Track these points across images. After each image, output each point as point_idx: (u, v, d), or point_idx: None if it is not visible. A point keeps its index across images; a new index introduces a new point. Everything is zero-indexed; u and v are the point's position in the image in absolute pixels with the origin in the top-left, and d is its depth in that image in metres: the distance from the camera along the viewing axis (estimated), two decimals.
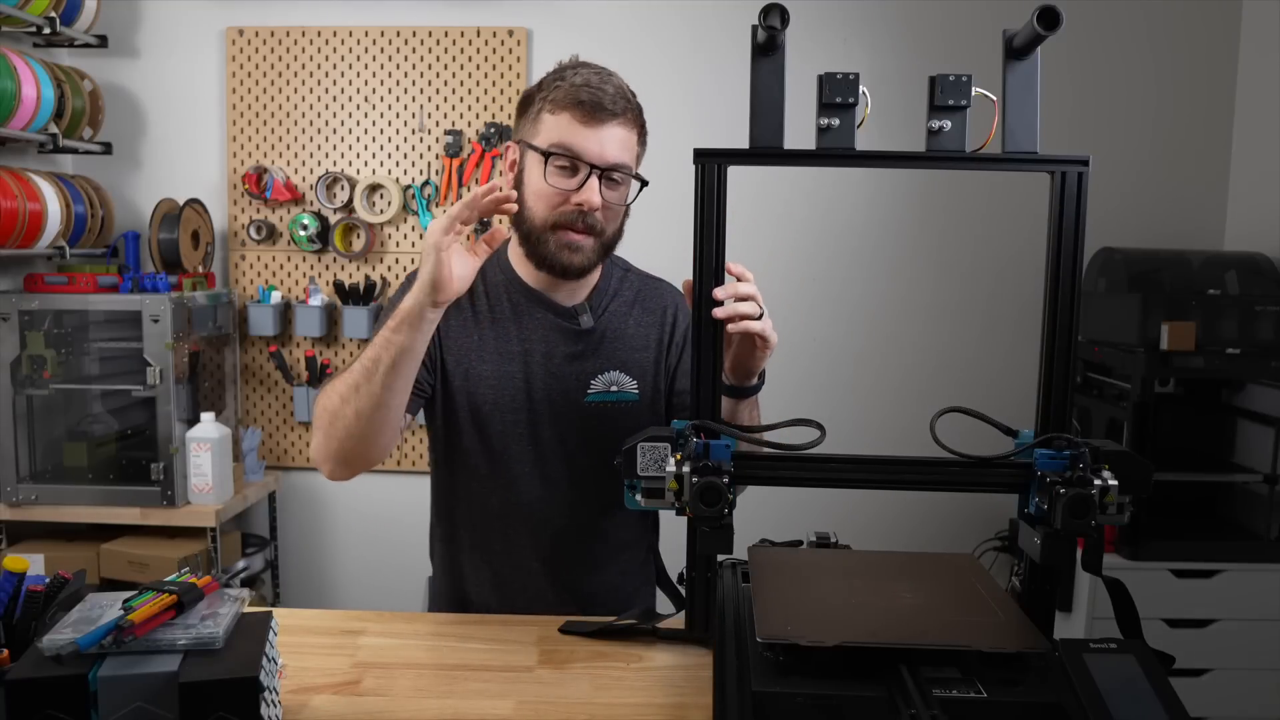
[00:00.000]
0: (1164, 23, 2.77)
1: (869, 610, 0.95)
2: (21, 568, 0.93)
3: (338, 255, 2.85)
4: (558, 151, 1.24)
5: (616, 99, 1.27)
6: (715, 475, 0.93)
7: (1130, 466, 0.92)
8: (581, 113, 1.24)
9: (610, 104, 1.26)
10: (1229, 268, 2.50)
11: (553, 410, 1.34)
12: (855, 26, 2.78)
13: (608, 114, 1.25)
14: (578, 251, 1.28)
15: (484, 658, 1.15)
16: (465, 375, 1.34)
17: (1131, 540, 2.34)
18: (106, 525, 2.54)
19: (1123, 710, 0.77)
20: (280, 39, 2.82)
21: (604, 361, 1.36)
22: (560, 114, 1.25)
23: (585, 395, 1.35)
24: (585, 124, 1.24)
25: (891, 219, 2.84)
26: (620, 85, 1.30)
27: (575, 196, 1.25)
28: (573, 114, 1.24)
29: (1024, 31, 0.95)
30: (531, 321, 1.35)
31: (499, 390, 1.34)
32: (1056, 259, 1.00)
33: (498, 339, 1.35)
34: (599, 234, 1.29)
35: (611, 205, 1.29)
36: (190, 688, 0.81)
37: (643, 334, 1.40)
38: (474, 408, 1.34)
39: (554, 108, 1.26)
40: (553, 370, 1.35)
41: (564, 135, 1.24)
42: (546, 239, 1.28)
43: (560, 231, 1.27)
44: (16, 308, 2.46)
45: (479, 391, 1.34)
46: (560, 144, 1.24)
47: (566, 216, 1.26)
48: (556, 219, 1.27)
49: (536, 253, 1.30)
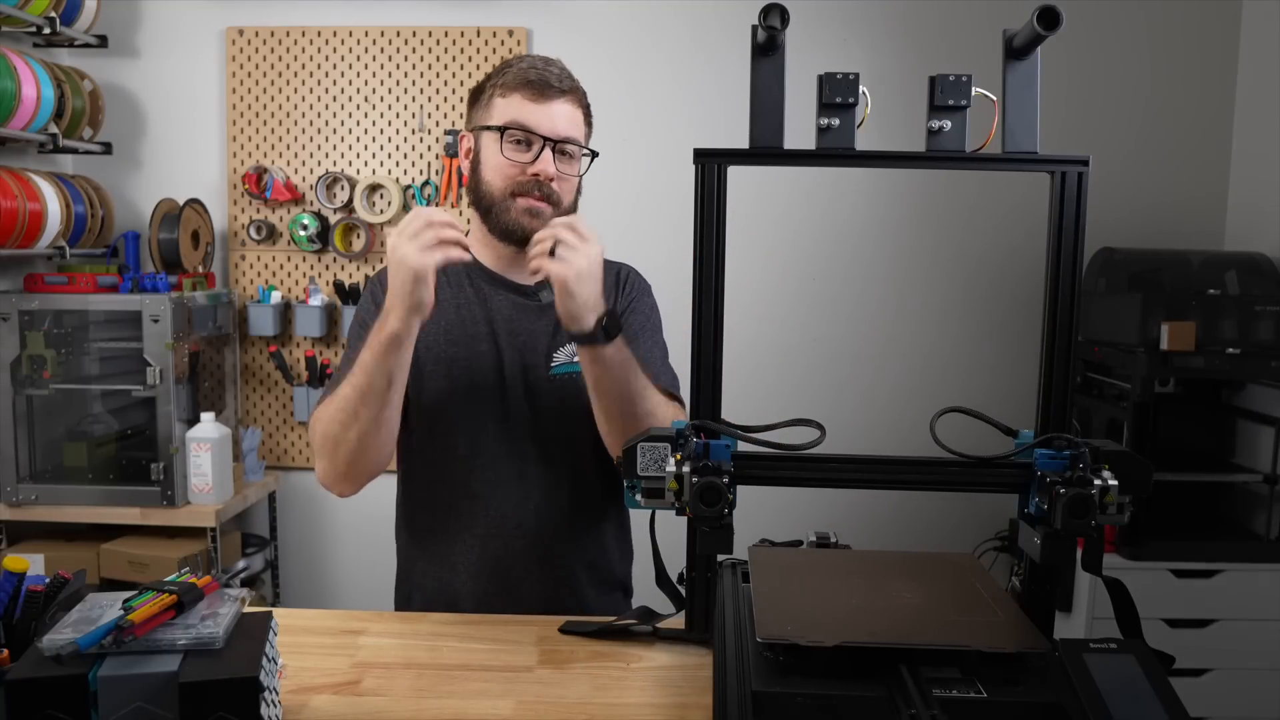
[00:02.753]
0: (1164, 23, 2.77)
1: (869, 610, 0.95)
2: (21, 568, 0.93)
3: (338, 255, 2.85)
4: (512, 126, 1.32)
5: (562, 78, 1.35)
6: (715, 475, 0.93)
7: (1130, 466, 0.92)
8: (531, 91, 1.32)
9: (557, 82, 1.34)
10: (1229, 268, 2.50)
11: (525, 385, 1.39)
12: (855, 26, 2.78)
13: (555, 91, 1.33)
14: (538, 217, 1.33)
15: (484, 658, 1.15)
16: (436, 360, 1.37)
17: (1131, 540, 2.34)
18: (106, 525, 2.54)
19: (1123, 710, 0.77)
20: (280, 39, 2.82)
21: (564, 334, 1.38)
22: (511, 95, 1.33)
23: (550, 368, 1.40)
24: (535, 101, 1.32)
25: (891, 219, 2.84)
26: (564, 68, 1.37)
27: (531, 168, 1.32)
28: (523, 93, 1.32)
29: (1024, 31, 0.95)
30: (495, 301, 1.41)
31: (473, 371, 1.37)
32: (1056, 259, 1.00)
33: (464, 322, 1.39)
34: (556, 204, 1.35)
35: (565, 176, 1.35)
36: (190, 688, 0.81)
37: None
38: (449, 389, 1.37)
39: (504, 90, 1.34)
40: (518, 346, 1.39)
41: (516, 113, 1.32)
42: (508, 206, 1.34)
43: (520, 198, 1.33)
44: (16, 308, 2.46)
45: (452, 373, 1.37)
46: (513, 120, 1.32)
47: (524, 186, 1.33)
48: (514, 188, 1.33)
49: (499, 223, 1.35)
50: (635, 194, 2.81)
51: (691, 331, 1.04)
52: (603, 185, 2.84)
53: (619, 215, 2.81)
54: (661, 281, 1.56)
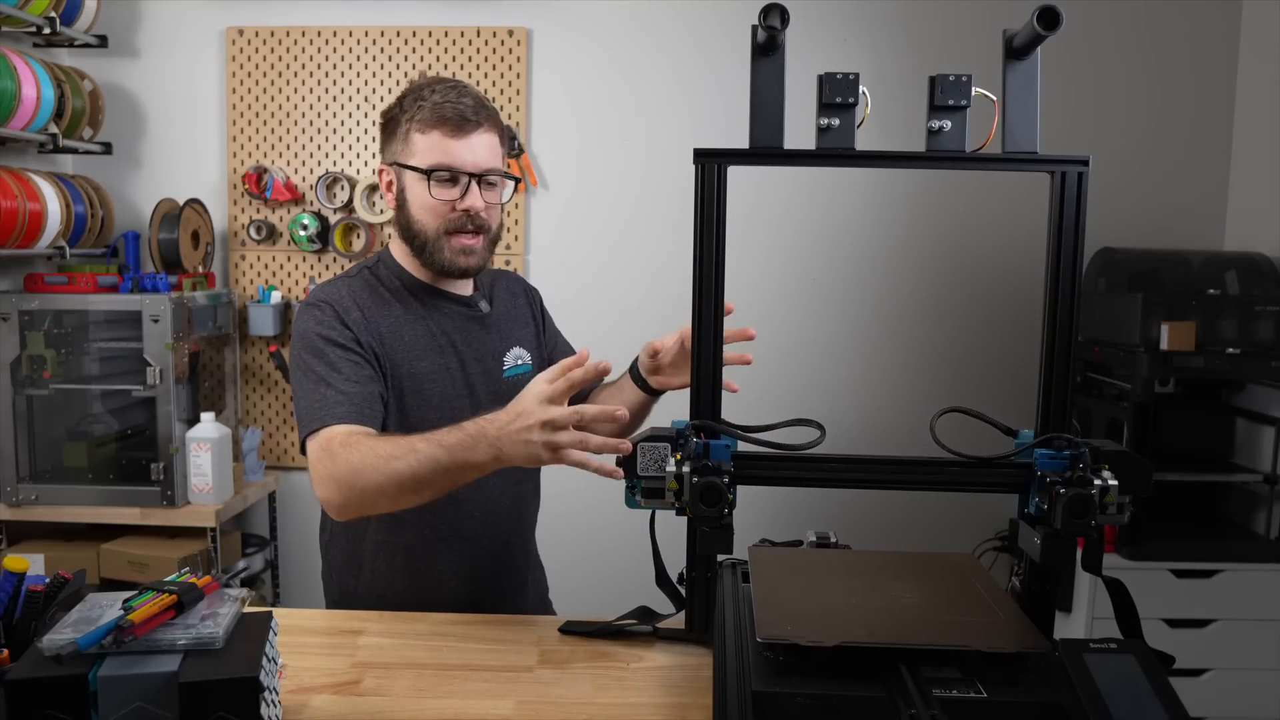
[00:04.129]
0: (1164, 23, 2.77)
1: (869, 610, 0.95)
2: (21, 568, 0.93)
3: (338, 255, 2.85)
4: (438, 169, 1.34)
5: (478, 109, 1.36)
6: (715, 475, 0.93)
7: (1130, 466, 0.92)
8: (449, 128, 1.33)
9: (473, 115, 1.35)
10: (1229, 268, 2.50)
11: (486, 389, 1.43)
12: (855, 26, 2.78)
13: (472, 124, 1.35)
14: (471, 254, 1.38)
15: (484, 658, 1.15)
16: (409, 377, 1.38)
17: (1131, 540, 2.33)
18: (106, 525, 2.54)
19: (1123, 710, 0.77)
20: (280, 39, 2.82)
21: (507, 340, 1.50)
22: (430, 132, 1.34)
23: (503, 371, 1.47)
24: (454, 137, 1.34)
25: (891, 219, 2.84)
26: (477, 94, 1.38)
27: (460, 204, 1.35)
28: (441, 130, 1.34)
29: (1024, 31, 0.95)
30: (442, 314, 1.44)
31: (442, 382, 1.40)
32: (1056, 259, 1.00)
33: (423, 335, 1.41)
34: (486, 231, 1.39)
35: (492, 205, 1.39)
36: (190, 688, 0.81)
37: (520, 313, 1.56)
38: (427, 404, 1.38)
39: (422, 127, 1.34)
40: (474, 355, 1.44)
41: (438, 154, 1.34)
42: (441, 245, 1.37)
43: (452, 237, 1.37)
44: (16, 308, 2.46)
45: (426, 389, 1.39)
46: (438, 163, 1.34)
47: (455, 223, 1.36)
48: (446, 225, 1.36)
49: (435, 261, 1.39)
50: (635, 194, 2.81)
51: (692, 331, 1.04)
52: (603, 185, 2.85)
53: (619, 215, 2.82)
54: (661, 281, 1.56)
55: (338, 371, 1.28)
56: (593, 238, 2.84)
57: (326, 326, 1.32)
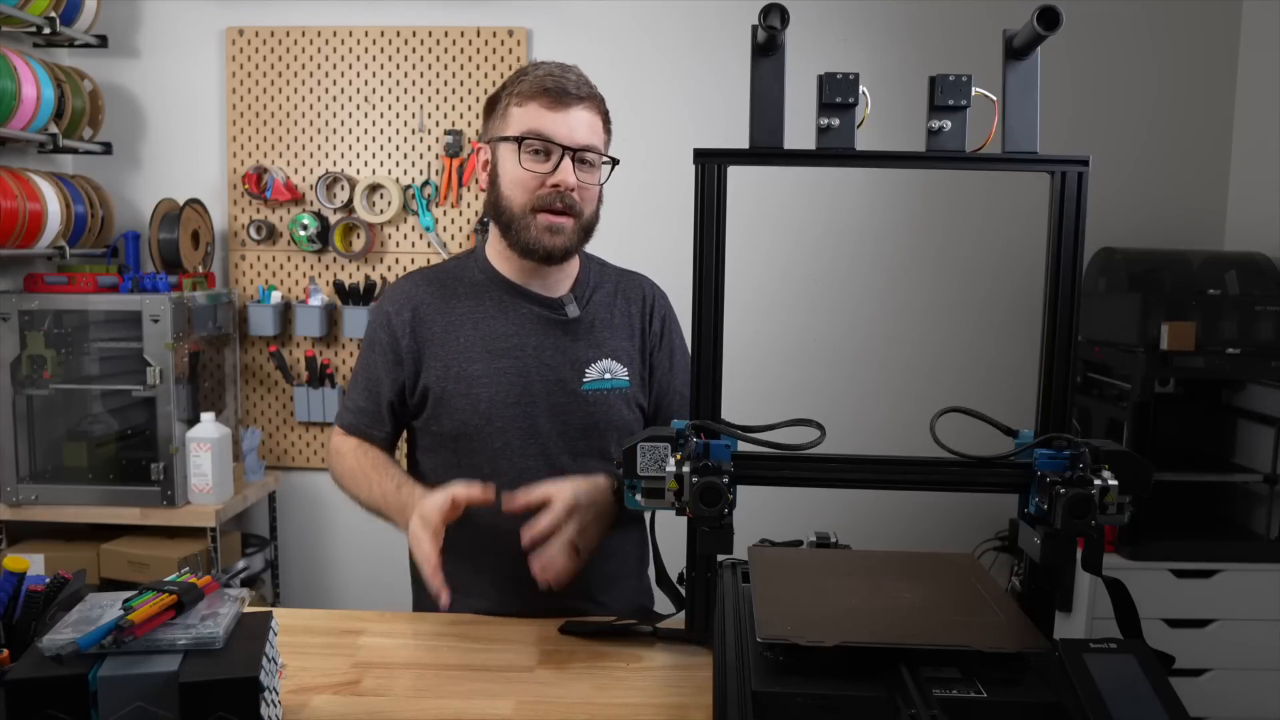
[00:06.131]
0: (1164, 23, 2.77)
1: (869, 610, 0.95)
2: (21, 568, 0.93)
3: (338, 255, 2.85)
4: (530, 136, 1.29)
5: (580, 85, 1.32)
6: (715, 475, 0.93)
7: (1130, 466, 0.92)
8: (548, 99, 1.29)
9: (574, 89, 1.31)
10: (1229, 268, 2.50)
11: (550, 401, 1.36)
12: (855, 26, 2.78)
13: (573, 98, 1.30)
14: (559, 234, 1.32)
15: (484, 658, 1.15)
16: (457, 379, 1.35)
17: (1131, 540, 2.33)
18: (106, 525, 2.54)
19: (1123, 710, 0.77)
20: (280, 39, 2.82)
21: (595, 350, 1.39)
22: (528, 104, 1.30)
23: (582, 383, 1.37)
24: (552, 109, 1.29)
25: (891, 219, 2.84)
26: (581, 74, 1.35)
27: (551, 178, 1.29)
28: (539, 102, 1.30)
29: (1024, 31, 0.95)
30: (518, 315, 1.38)
31: (494, 387, 1.35)
32: (1056, 259, 1.00)
33: (484, 338, 1.37)
34: (578, 215, 1.33)
35: (586, 185, 1.33)
36: (190, 688, 0.81)
37: (626, 323, 1.44)
38: (472, 409, 1.35)
39: (521, 99, 1.31)
40: (546, 361, 1.37)
41: (534, 122, 1.29)
42: (528, 223, 1.32)
43: (540, 214, 1.31)
44: (16, 308, 2.46)
45: (475, 392, 1.35)
46: (531, 130, 1.29)
47: (545, 199, 1.30)
48: (535, 202, 1.31)
49: (520, 240, 1.33)
50: (635, 194, 2.80)
51: (691, 331, 1.04)
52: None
53: (619, 215, 2.79)
54: (661, 281, 1.56)
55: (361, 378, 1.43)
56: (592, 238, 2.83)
57: (374, 328, 1.42)
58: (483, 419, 1.35)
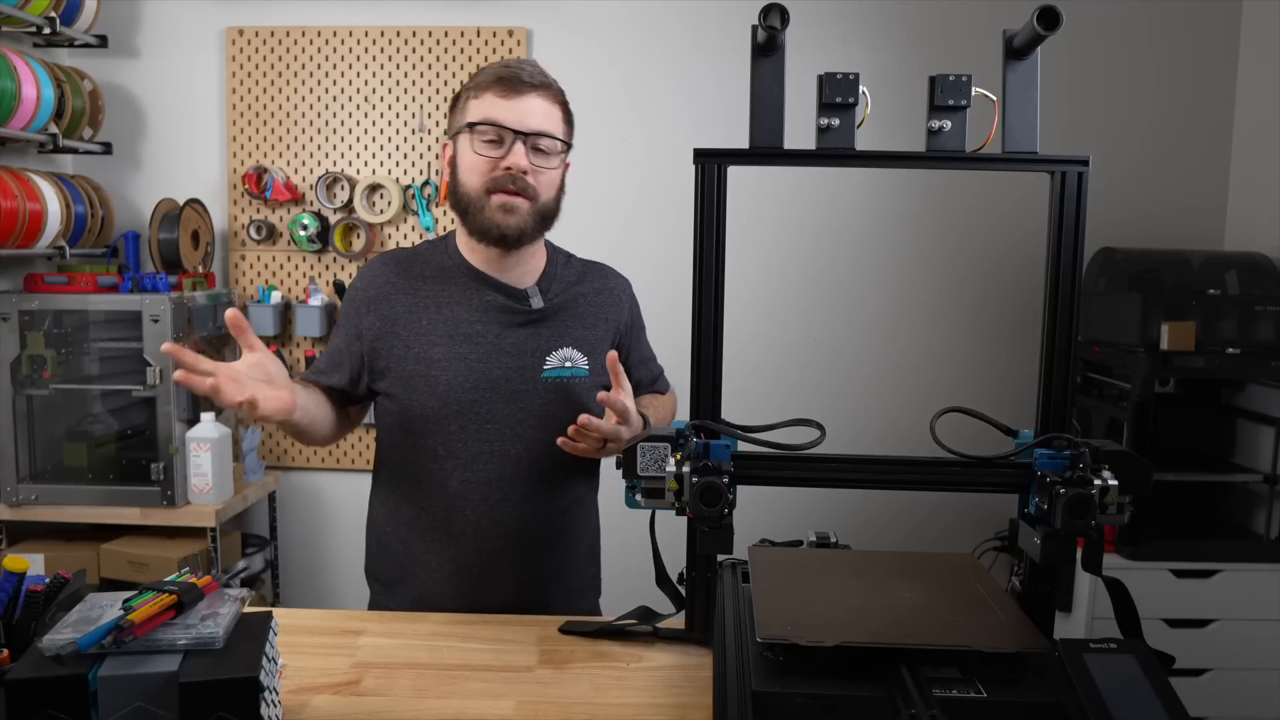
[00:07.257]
0: (1164, 23, 2.77)
1: (869, 610, 0.95)
2: (21, 568, 0.93)
3: (338, 255, 2.85)
4: (481, 122, 1.33)
5: (534, 74, 1.36)
6: (715, 475, 0.93)
7: (1130, 466, 0.92)
8: (501, 88, 1.34)
9: (528, 78, 1.35)
10: (1229, 268, 2.50)
11: (509, 388, 1.38)
12: (855, 26, 2.78)
13: (526, 86, 1.34)
14: (513, 213, 1.34)
15: (484, 658, 1.15)
16: (416, 360, 1.37)
17: (1131, 540, 2.33)
18: (106, 525, 2.54)
19: (1123, 710, 0.77)
20: (280, 39, 2.82)
21: (556, 339, 1.42)
22: (483, 95, 1.35)
23: (541, 371, 1.40)
24: (505, 97, 1.33)
25: (891, 219, 2.84)
26: (538, 66, 1.39)
27: (503, 162, 1.33)
28: (494, 91, 1.34)
29: (1024, 31, 0.95)
30: (482, 304, 1.40)
31: (453, 371, 1.37)
32: (1056, 259, 1.00)
33: (447, 321, 1.39)
34: (533, 198, 1.35)
35: (540, 169, 1.35)
36: (190, 688, 0.81)
37: (593, 313, 1.47)
38: (429, 391, 1.37)
39: (477, 91, 1.36)
40: (506, 349, 1.39)
41: (487, 110, 1.33)
42: (483, 204, 1.35)
43: (494, 195, 1.34)
44: (16, 308, 2.46)
45: (433, 374, 1.37)
46: (485, 118, 1.33)
47: (498, 181, 1.33)
48: (489, 184, 1.34)
49: (477, 223, 1.36)
50: (635, 194, 2.81)
51: (691, 331, 1.04)
52: (603, 185, 2.85)
53: (619, 215, 2.81)
54: (661, 281, 1.56)
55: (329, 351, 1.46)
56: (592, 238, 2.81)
57: (347, 302, 1.45)
58: (439, 401, 1.36)
